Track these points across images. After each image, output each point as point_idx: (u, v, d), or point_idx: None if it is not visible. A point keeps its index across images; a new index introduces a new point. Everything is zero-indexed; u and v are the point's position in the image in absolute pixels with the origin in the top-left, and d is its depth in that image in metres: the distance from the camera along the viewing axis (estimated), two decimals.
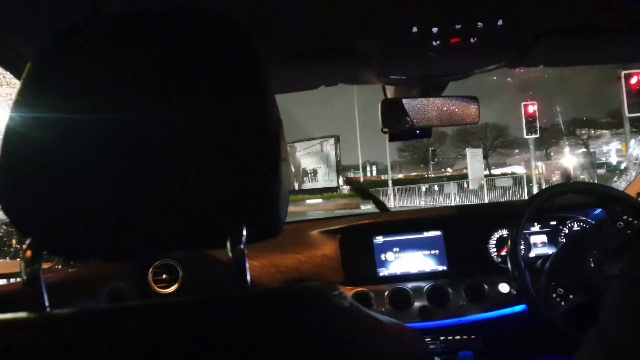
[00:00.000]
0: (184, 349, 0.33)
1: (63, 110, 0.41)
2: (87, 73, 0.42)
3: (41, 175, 0.41)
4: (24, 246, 0.42)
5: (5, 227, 1.24)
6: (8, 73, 0.85)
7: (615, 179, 1.87)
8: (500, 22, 0.92)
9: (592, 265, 1.13)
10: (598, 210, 1.57)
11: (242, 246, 0.41)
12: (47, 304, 0.42)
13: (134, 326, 0.35)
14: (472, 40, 0.96)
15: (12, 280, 1.23)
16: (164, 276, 1.42)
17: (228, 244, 0.41)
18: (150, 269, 1.41)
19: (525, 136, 15.25)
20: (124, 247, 0.44)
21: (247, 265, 0.41)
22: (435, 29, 0.92)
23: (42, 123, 0.41)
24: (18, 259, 1.23)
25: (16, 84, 0.91)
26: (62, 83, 0.42)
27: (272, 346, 0.34)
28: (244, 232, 0.41)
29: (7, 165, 0.41)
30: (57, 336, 0.35)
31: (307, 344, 0.34)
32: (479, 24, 0.92)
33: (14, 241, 1.26)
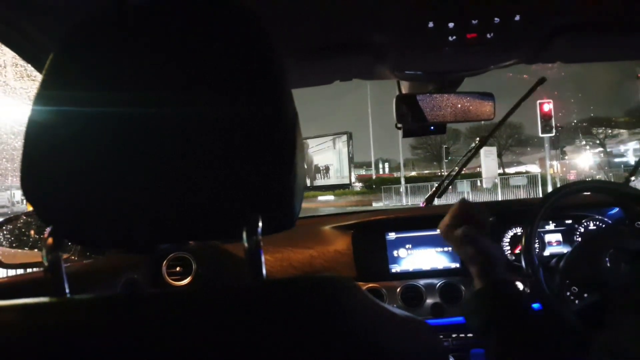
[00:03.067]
0: (200, 334, 0.34)
1: (85, 102, 0.41)
2: (107, 64, 0.43)
3: (62, 165, 0.42)
4: (45, 234, 0.43)
5: (24, 217, 1.26)
6: (29, 65, 0.86)
7: (633, 178, 1.83)
8: (517, 18, 0.91)
9: (608, 264, 1.12)
10: (615, 210, 1.54)
11: (258, 237, 0.41)
12: (67, 290, 0.43)
13: (151, 312, 0.36)
14: (488, 35, 0.95)
15: (29, 270, 1.26)
16: (177, 269, 1.43)
17: (244, 235, 0.41)
18: (165, 262, 1.43)
19: (541, 135, 15.02)
20: (142, 237, 0.45)
21: (263, 256, 0.42)
22: (451, 24, 0.92)
23: (64, 114, 0.42)
24: (36, 250, 1.26)
25: (37, 76, 0.93)
26: (84, 74, 0.43)
27: (286, 334, 0.34)
28: (260, 223, 0.41)
29: (30, 155, 0.42)
30: (78, 320, 0.36)
31: (321, 333, 0.34)
32: (496, 19, 0.91)
33: (32, 232, 1.28)
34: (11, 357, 0.33)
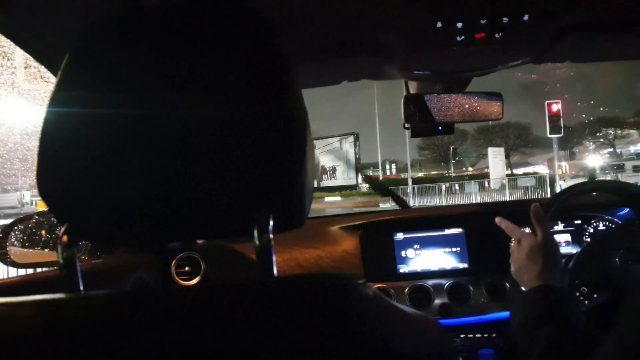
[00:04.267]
0: (212, 330, 0.34)
1: (99, 102, 0.42)
2: (121, 65, 0.43)
3: (77, 164, 0.42)
4: (60, 232, 0.44)
5: (36, 217, 1.28)
6: (42, 67, 0.88)
7: None
8: (526, 17, 0.91)
9: (618, 264, 1.11)
10: (625, 210, 1.53)
11: (269, 235, 0.42)
12: (81, 287, 0.44)
13: (165, 307, 0.36)
14: (497, 35, 0.94)
15: (38, 270, 1.27)
16: (186, 268, 1.44)
17: (255, 233, 0.42)
18: (174, 261, 1.44)
19: (549, 135, 14.89)
20: (155, 235, 0.45)
21: (274, 254, 0.42)
22: (459, 24, 0.92)
23: (79, 115, 0.42)
24: (47, 250, 1.27)
25: (49, 77, 0.94)
26: (99, 75, 0.43)
27: (297, 330, 0.34)
28: (271, 222, 0.42)
29: (45, 154, 0.42)
30: (94, 314, 0.36)
31: (332, 330, 0.35)
32: (505, 18, 0.91)
33: (43, 232, 1.30)
34: (29, 350, 0.34)
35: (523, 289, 0.95)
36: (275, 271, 0.43)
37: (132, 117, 0.42)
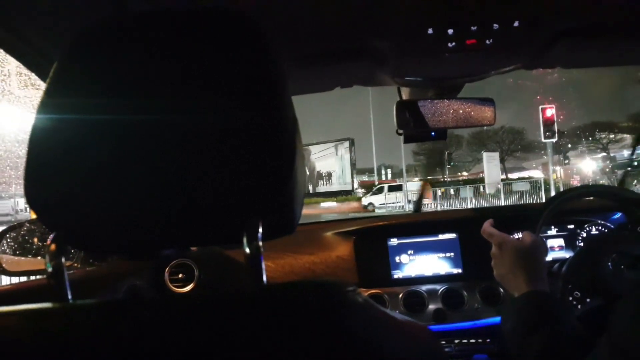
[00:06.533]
0: (201, 340, 0.34)
1: (88, 109, 0.42)
2: (110, 72, 0.43)
3: (66, 171, 0.42)
4: (49, 240, 0.44)
5: (28, 225, 1.27)
6: (34, 74, 0.87)
7: (635, 182, 1.83)
8: (516, 24, 0.91)
9: (611, 268, 1.11)
10: (618, 215, 1.54)
11: (258, 242, 0.41)
12: (69, 296, 0.44)
13: (153, 317, 0.36)
14: (487, 41, 0.95)
15: (32, 278, 1.26)
16: (180, 275, 1.43)
17: (244, 240, 0.42)
18: (167, 268, 1.43)
19: (543, 140, 14.98)
20: (145, 242, 0.45)
21: (263, 261, 0.42)
22: (450, 31, 0.92)
23: (68, 122, 0.42)
24: (39, 257, 1.26)
25: (41, 85, 0.94)
26: (87, 82, 0.43)
27: (286, 339, 0.34)
28: (260, 229, 0.42)
29: (34, 161, 0.42)
30: (79, 325, 0.36)
31: (321, 338, 0.35)
32: (495, 25, 0.91)
33: (35, 239, 1.29)
34: None
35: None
36: (265, 278, 0.42)
37: (121, 124, 0.42)
